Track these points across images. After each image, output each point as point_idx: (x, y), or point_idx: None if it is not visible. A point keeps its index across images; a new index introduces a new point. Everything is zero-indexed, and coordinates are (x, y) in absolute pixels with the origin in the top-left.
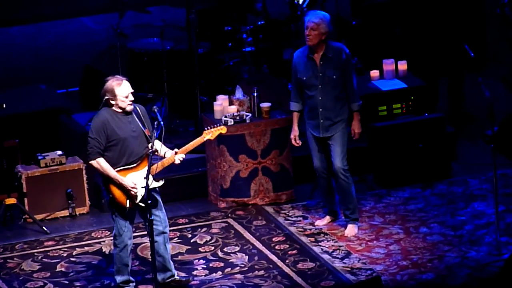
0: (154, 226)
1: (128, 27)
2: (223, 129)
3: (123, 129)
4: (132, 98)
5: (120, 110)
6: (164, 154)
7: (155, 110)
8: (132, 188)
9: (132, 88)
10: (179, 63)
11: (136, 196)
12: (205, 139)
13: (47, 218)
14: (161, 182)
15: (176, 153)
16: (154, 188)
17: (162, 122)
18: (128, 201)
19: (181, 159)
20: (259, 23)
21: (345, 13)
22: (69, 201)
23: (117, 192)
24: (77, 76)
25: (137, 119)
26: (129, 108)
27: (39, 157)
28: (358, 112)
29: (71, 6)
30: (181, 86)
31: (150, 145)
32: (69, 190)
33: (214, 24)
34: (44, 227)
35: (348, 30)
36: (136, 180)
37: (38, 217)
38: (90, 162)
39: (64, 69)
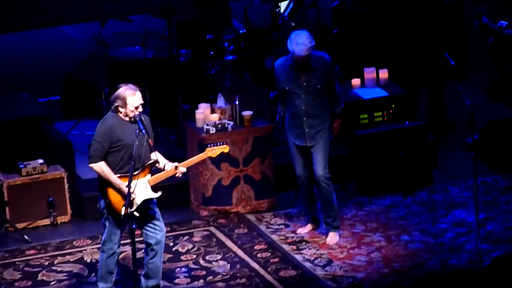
0: (152, 234)
1: (109, 35)
2: (225, 149)
3: (129, 136)
4: (141, 110)
5: (127, 118)
6: (164, 167)
7: (137, 118)
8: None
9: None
10: (160, 72)
11: (133, 204)
12: (207, 156)
13: (28, 226)
14: (158, 193)
15: (176, 167)
16: (151, 199)
17: (143, 131)
18: (123, 208)
19: (183, 172)
20: (241, 31)
21: (326, 22)
22: (51, 210)
23: (114, 197)
24: (59, 85)
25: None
26: (133, 115)
27: (21, 166)
28: (339, 117)
29: (52, 15)
30: (163, 95)
31: (151, 155)
32: (50, 199)
33: (196, 32)
34: (25, 236)
35: (329, 39)
36: (136, 188)
37: (20, 225)
38: (91, 165)
39: (46, 77)
